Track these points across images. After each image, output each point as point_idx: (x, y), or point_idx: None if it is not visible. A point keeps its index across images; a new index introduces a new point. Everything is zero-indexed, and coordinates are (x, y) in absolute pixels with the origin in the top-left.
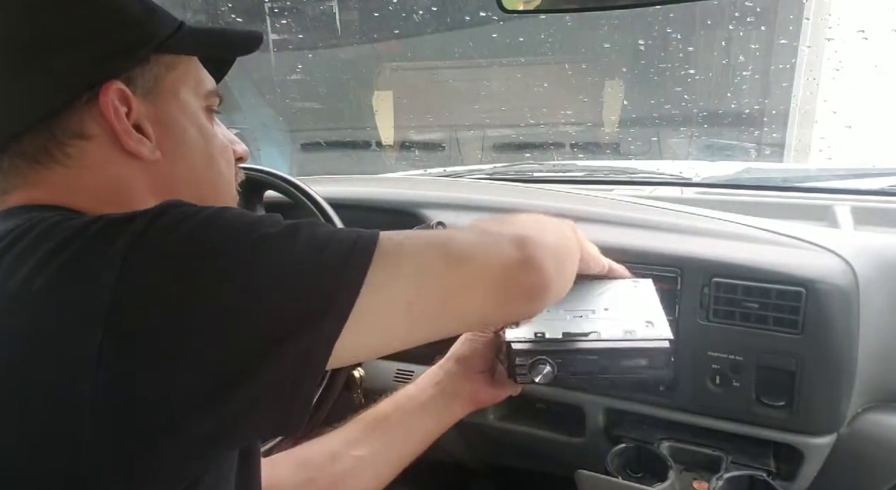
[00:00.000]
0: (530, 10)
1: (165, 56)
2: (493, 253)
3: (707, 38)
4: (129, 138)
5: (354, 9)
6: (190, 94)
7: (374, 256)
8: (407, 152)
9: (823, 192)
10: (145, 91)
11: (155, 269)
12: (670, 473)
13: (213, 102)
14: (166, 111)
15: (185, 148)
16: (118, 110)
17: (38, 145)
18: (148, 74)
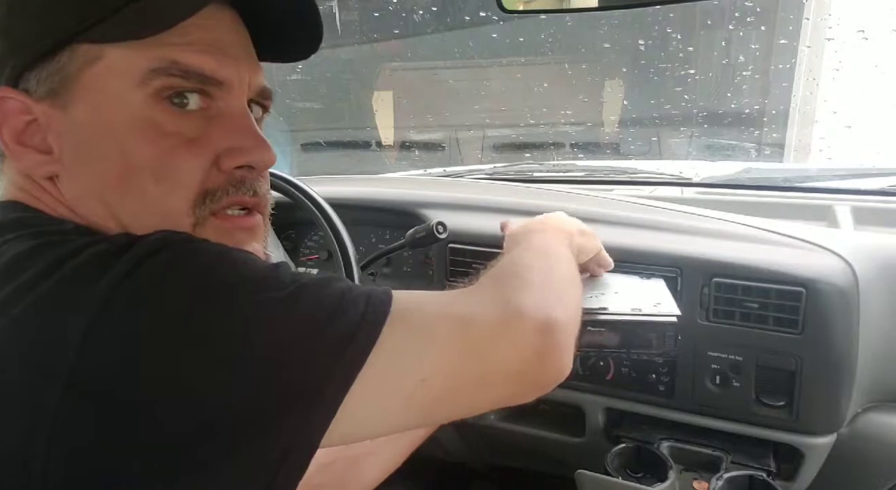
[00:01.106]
0: (530, 10)
1: (84, 46)
2: (515, 344)
3: (707, 38)
4: (16, 157)
5: (354, 9)
6: (124, 85)
7: (378, 340)
8: (407, 152)
9: (823, 192)
10: (47, 93)
11: (135, 318)
12: (670, 473)
13: (171, 82)
14: (75, 114)
15: (92, 166)
16: (6, 121)
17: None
18: (56, 73)
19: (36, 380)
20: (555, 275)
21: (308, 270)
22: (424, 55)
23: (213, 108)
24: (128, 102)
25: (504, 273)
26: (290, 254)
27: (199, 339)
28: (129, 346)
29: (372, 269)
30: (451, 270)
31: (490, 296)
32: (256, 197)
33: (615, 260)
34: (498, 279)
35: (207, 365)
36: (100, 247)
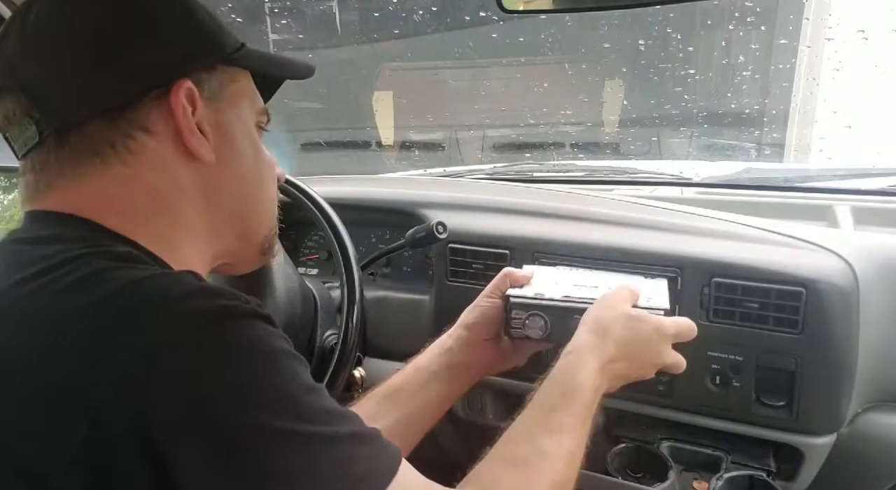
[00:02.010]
0: (530, 10)
1: (230, 68)
2: None
3: (707, 38)
4: (192, 136)
5: (354, 9)
6: (247, 106)
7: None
8: (407, 152)
9: (823, 192)
10: (210, 95)
11: (180, 376)
12: (670, 473)
13: (263, 120)
14: (225, 118)
15: (237, 156)
16: (185, 109)
17: (102, 136)
18: (214, 81)
19: (68, 404)
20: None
21: (308, 270)
22: (424, 55)
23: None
24: (249, 120)
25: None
26: (291, 254)
27: (208, 427)
28: (168, 408)
29: (372, 269)
30: (451, 270)
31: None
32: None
33: (615, 260)
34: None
35: (211, 461)
36: (157, 293)
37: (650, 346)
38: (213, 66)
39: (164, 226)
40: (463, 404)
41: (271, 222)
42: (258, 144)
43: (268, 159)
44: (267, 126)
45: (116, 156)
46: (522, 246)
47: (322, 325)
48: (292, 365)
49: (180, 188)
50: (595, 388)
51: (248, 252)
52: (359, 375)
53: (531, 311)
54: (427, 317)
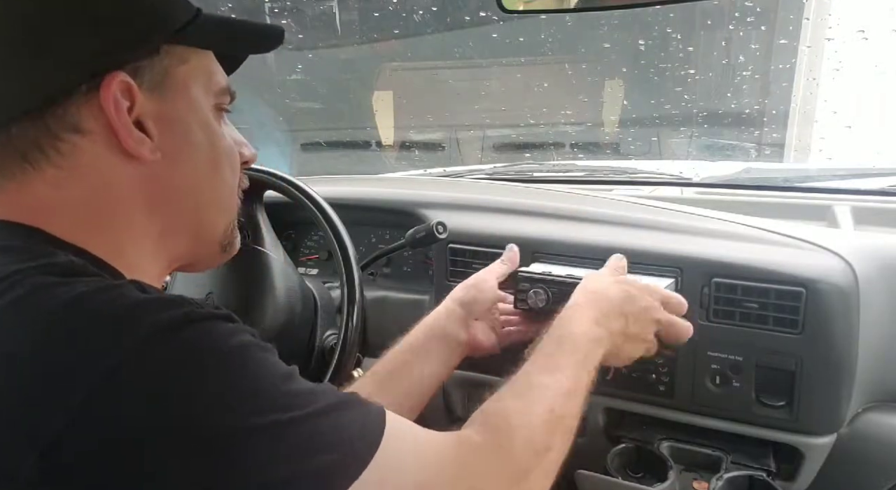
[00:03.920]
0: (530, 10)
1: (178, 47)
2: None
3: (707, 38)
4: (129, 136)
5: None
6: (200, 90)
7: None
8: (407, 152)
9: (823, 192)
10: (152, 85)
11: (135, 391)
12: (670, 473)
13: (223, 101)
14: (172, 108)
15: (188, 150)
16: (119, 104)
17: (28, 138)
18: (157, 66)
19: (21, 434)
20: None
21: (308, 270)
22: (424, 55)
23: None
24: (204, 105)
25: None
26: (291, 254)
27: (191, 439)
28: (119, 422)
29: (372, 269)
30: (451, 270)
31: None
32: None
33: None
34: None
35: (186, 460)
36: (108, 309)
37: (642, 301)
38: (156, 49)
39: (109, 231)
40: (463, 404)
41: (229, 217)
42: (214, 131)
43: (226, 147)
44: (230, 105)
45: (46, 159)
46: (522, 246)
47: (322, 325)
48: (260, 357)
49: (122, 191)
50: (592, 338)
51: (205, 251)
52: (358, 376)
53: (536, 285)
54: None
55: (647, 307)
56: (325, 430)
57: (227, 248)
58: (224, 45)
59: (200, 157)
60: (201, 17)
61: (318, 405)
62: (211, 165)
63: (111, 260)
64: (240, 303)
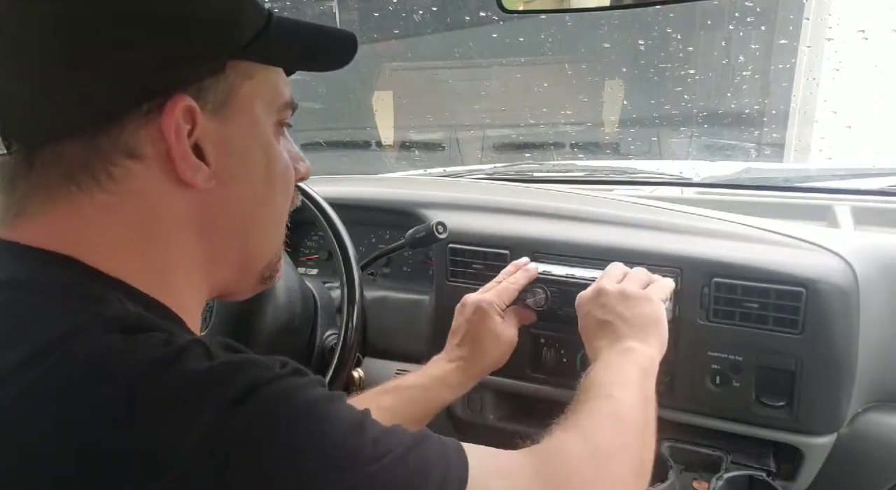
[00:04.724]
0: (530, 10)
1: (245, 62)
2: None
3: (707, 38)
4: (187, 165)
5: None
6: (264, 107)
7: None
8: (407, 152)
9: (823, 192)
10: (215, 106)
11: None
12: (670, 473)
13: (286, 115)
14: (234, 130)
15: (244, 175)
16: (181, 130)
17: (79, 159)
18: (222, 85)
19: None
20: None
21: (308, 270)
22: (424, 55)
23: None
24: (266, 123)
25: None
26: (291, 254)
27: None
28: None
29: (372, 269)
30: (451, 270)
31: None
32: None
33: (615, 260)
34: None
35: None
36: (177, 373)
37: (639, 291)
38: (222, 66)
39: (152, 259)
40: (463, 404)
41: (276, 245)
42: (273, 152)
43: (283, 168)
44: (290, 118)
45: (97, 183)
46: (522, 246)
47: (322, 325)
48: (335, 410)
49: (170, 218)
50: (635, 365)
51: (247, 281)
52: (357, 376)
53: (536, 285)
54: (427, 317)
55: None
56: (416, 468)
57: (268, 280)
58: (297, 62)
59: (256, 181)
60: (272, 27)
61: (399, 448)
62: (266, 192)
63: (150, 290)
64: (240, 303)
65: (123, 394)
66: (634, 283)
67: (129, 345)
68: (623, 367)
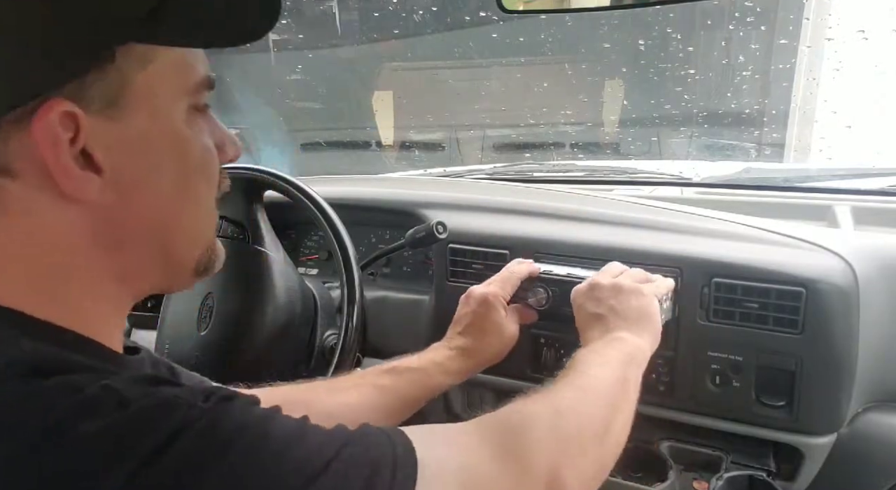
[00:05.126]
0: (530, 10)
1: (138, 46)
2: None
3: (707, 38)
4: (69, 179)
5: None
6: (169, 94)
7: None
8: (407, 152)
9: (823, 192)
10: (104, 104)
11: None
12: (670, 473)
13: (200, 98)
14: (131, 128)
15: (151, 178)
16: (58, 140)
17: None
18: (111, 77)
19: None
20: (605, 435)
21: (308, 270)
22: (424, 55)
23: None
24: (173, 113)
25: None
26: (291, 254)
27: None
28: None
29: (372, 269)
30: (451, 270)
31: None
32: None
33: (615, 260)
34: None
35: None
36: (81, 434)
37: (632, 285)
38: (110, 56)
39: (52, 285)
40: (463, 404)
41: (206, 240)
42: (186, 144)
43: (201, 159)
44: (207, 98)
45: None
46: (522, 246)
47: (322, 325)
48: (272, 429)
49: (66, 238)
50: (619, 352)
51: (179, 280)
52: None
53: (536, 285)
54: (427, 317)
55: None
56: (367, 461)
57: (205, 272)
58: (204, 37)
59: (167, 182)
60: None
61: (346, 447)
62: (181, 189)
63: (55, 318)
64: (240, 303)
65: (25, 455)
66: (629, 278)
67: (27, 397)
68: (606, 351)
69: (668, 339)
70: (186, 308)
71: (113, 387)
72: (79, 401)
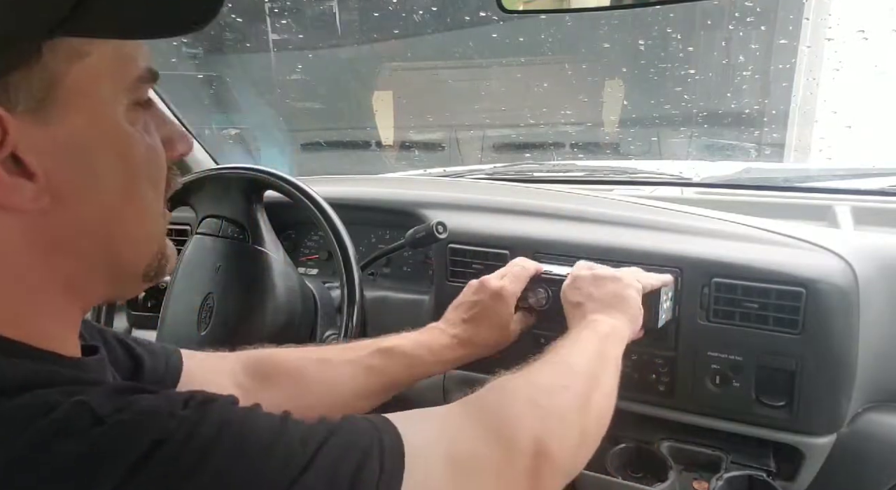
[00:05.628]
0: (530, 10)
1: (68, 40)
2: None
3: (707, 38)
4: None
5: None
6: (107, 90)
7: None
8: (407, 152)
9: (823, 192)
10: (33, 104)
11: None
12: (670, 473)
13: (142, 93)
14: (65, 129)
15: (91, 182)
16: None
17: None
18: (39, 76)
19: None
20: (586, 409)
21: (308, 270)
22: (424, 55)
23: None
24: (112, 110)
25: (526, 395)
26: (291, 254)
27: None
28: None
29: (372, 269)
30: (451, 270)
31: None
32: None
33: (615, 260)
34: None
35: None
36: (58, 453)
37: (612, 272)
38: (36, 52)
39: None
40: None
41: (154, 243)
42: (128, 143)
43: (145, 158)
44: (147, 92)
45: None
46: (522, 246)
47: (322, 325)
48: (254, 427)
49: (2, 250)
50: (593, 331)
51: (128, 287)
52: None
53: (537, 285)
54: (427, 317)
55: (625, 277)
56: (352, 449)
57: (156, 277)
58: (140, 27)
59: (108, 185)
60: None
61: (330, 438)
62: (124, 192)
63: (13, 332)
64: (240, 303)
65: (0, 481)
66: (609, 268)
67: (14, 410)
68: (581, 334)
69: (668, 339)
70: (186, 308)
71: (86, 402)
72: (52, 421)
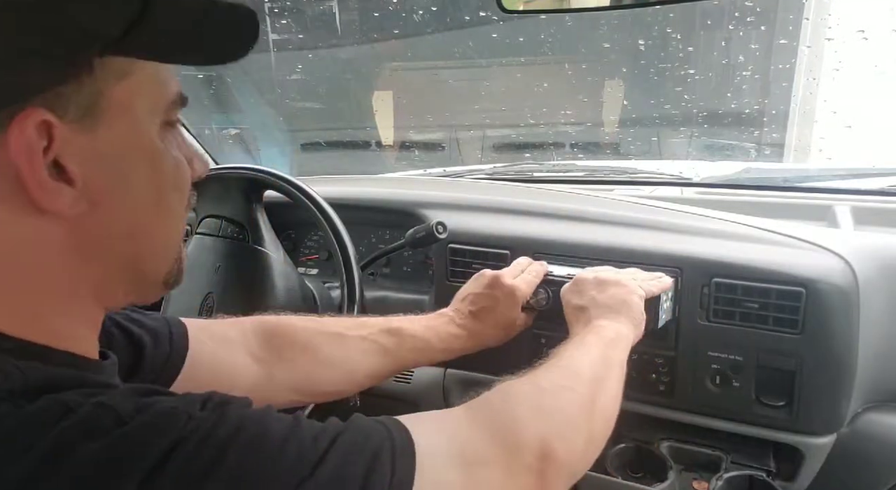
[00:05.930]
0: (530, 10)
1: (116, 58)
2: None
3: (707, 38)
4: (43, 191)
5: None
6: (145, 109)
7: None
8: (407, 152)
9: (823, 192)
10: (81, 114)
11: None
12: (670, 473)
13: (173, 114)
14: (105, 141)
15: (124, 190)
16: (33, 150)
17: None
18: (88, 89)
19: None
20: (592, 411)
21: (308, 270)
22: (424, 55)
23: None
24: (148, 127)
25: (534, 396)
26: (291, 254)
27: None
28: None
29: (372, 269)
30: (451, 270)
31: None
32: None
33: (615, 260)
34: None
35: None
36: (81, 457)
37: (615, 276)
38: (88, 67)
39: (27, 300)
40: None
41: (175, 253)
42: (160, 159)
43: (173, 174)
44: (178, 114)
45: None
46: (522, 246)
47: None
48: (268, 427)
49: (40, 251)
50: (598, 336)
51: (148, 293)
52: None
53: (538, 286)
54: None
55: (624, 279)
56: (364, 449)
57: (174, 283)
58: (183, 54)
59: (140, 194)
60: (149, 14)
61: (341, 436)
62: (154, 201)
63: (27, 334)
64: (240, 303)
65: (24, 482)
66: (611, 271)
67: (20, 421)
68: (586, 338)
69: (668, 339)
70: (186, 308)
71: (107, 404)
72: (74, 422)
